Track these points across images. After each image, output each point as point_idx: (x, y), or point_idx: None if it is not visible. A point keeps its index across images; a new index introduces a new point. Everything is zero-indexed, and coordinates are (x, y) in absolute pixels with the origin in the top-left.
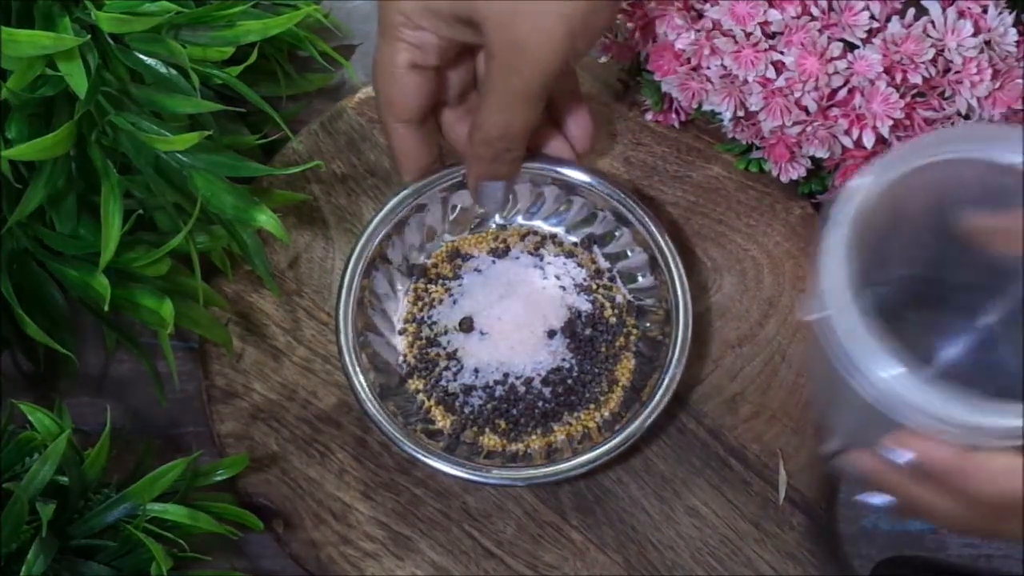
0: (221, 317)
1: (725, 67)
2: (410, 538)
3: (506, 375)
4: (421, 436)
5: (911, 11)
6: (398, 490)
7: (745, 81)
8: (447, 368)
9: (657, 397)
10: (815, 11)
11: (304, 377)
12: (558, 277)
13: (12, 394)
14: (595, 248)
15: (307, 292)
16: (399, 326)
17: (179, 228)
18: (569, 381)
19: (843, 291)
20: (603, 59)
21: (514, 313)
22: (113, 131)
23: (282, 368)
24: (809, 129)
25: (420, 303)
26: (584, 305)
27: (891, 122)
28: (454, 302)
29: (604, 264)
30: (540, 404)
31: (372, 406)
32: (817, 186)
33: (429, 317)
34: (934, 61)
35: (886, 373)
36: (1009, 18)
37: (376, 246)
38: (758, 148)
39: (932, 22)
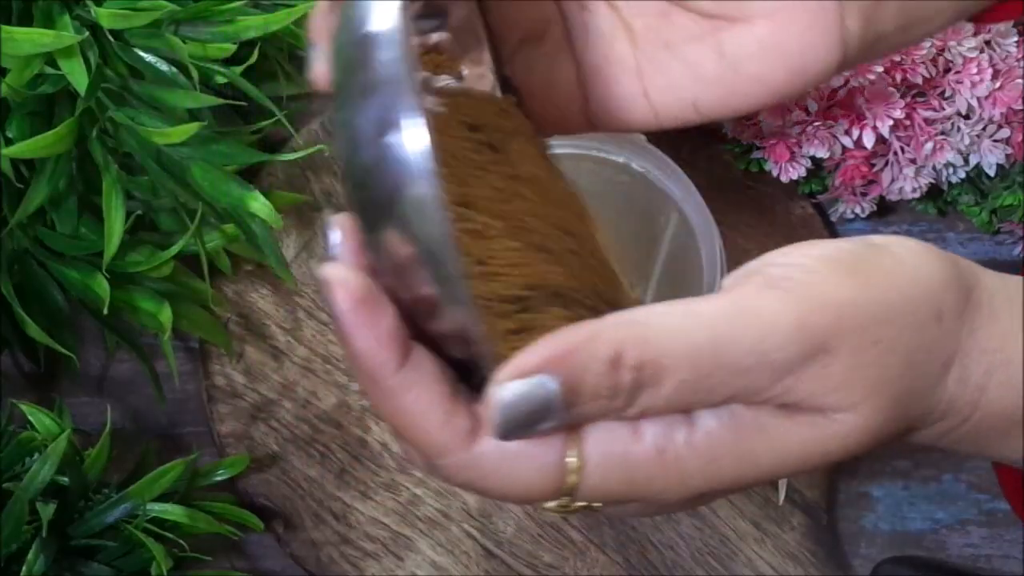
0: (221, 317)
1: None
2: (410, 538)
3: None
4: None
5: None
6: (398, 490)
7: None
8: None
9: None
10: None
11: (304, 377)
12: None
13: (12, 394)
14: None
15: (307, 292)
16: None
17: (182, 228)
18: None
19: None
20: None
21: None
22: (114, 127)
23: (282, 368)
24: (809, 129)
25: None
26: None
27: (891, 122)
28: None
29: None
30: None
31: None
32: (817, 186)
33: None
34: (934, 61)
35: None
36: None
37: None
38: (758, 148)
39: None
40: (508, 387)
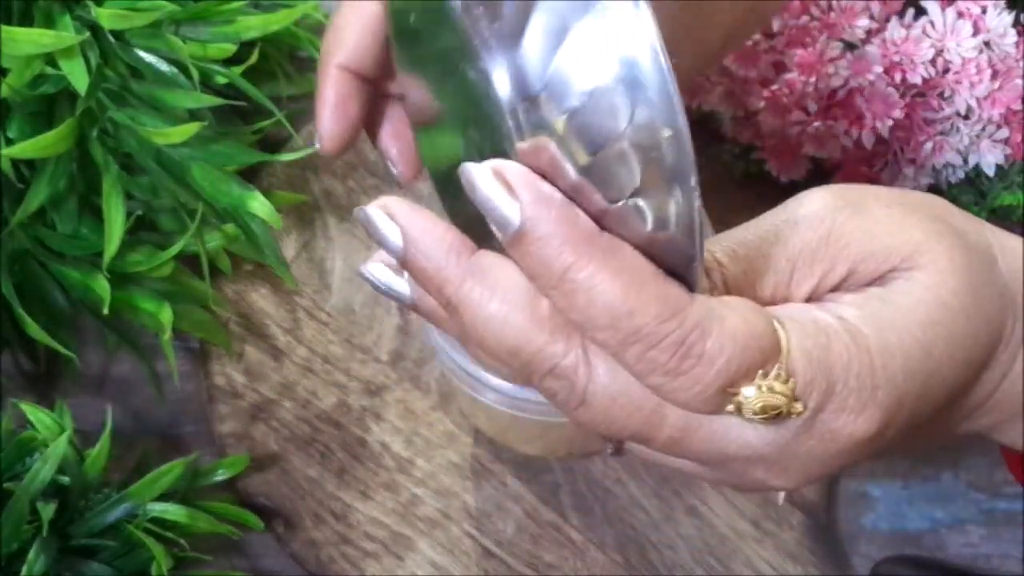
0: (221, 317)
1: (725, 67)
2: (410, 538)
3: None
4: None
5: (910, 12)
6: (398, 490)
7: (745, 81)
8: None
9: None
10: (815, 11)
11: (304, 377)
12: None
13: (12, 394)
14: None
15: (307, 292)
16: None
17: (182, 228)
18: None
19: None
20: None
21: None
22: (114, 127)
23: (282, 368)
24: (809, 129)
25: None
26: None
27: (891, 122)
28: None
29: None
30: None
31: None
32: (817, 186)
33: None
34: (933, 61)
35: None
36: (1008, 18)
37: None
38: (758, 148)
39: (931, 23)
40: None
